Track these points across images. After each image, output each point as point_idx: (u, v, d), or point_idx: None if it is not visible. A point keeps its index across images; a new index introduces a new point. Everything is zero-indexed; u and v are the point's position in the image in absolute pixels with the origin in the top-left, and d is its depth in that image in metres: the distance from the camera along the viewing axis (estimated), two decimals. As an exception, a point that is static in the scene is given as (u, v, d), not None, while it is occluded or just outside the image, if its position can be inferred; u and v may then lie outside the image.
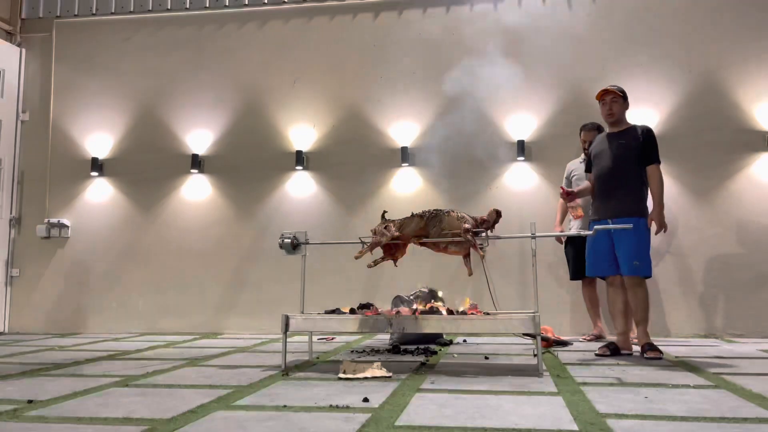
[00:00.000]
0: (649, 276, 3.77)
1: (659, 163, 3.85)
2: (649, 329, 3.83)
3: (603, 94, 3.93)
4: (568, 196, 4.00)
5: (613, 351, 3.80)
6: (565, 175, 5.02)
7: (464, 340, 4.74)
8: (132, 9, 6.32)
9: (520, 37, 5.65)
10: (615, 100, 3.90)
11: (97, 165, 6.11)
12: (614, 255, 3.82)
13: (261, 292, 5.69)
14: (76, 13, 6.41)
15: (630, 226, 3.50)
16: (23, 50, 6.43)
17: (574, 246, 4.83)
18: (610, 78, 5.42)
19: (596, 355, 3.76)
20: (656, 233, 3.84)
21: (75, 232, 6.11)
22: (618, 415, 2.15)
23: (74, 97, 6.30)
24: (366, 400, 2.42)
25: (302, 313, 3.54)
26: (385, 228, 3.46)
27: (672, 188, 5.20)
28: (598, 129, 4.88)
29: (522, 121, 5.52)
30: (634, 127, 3.92)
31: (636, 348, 3.88)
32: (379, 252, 3.58)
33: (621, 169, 3.83)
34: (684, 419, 2.09)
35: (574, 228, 4.77)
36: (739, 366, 3.34)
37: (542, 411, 2.23)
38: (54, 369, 3.47)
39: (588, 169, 4.16)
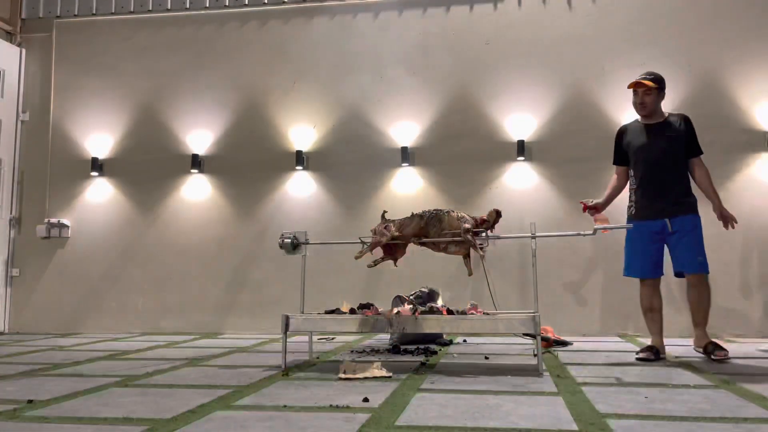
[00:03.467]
0: (708, 272, 3.64)
1: (702, 153, 3.73)
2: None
3: (635, 86, 3.71)
4: (591, 209, 3.80)
5: (657, 355, 3.61)
6: None
7: (464, 340, 4.75)
8: (132, 9, 6.31)
9: (520, 37, 5.66)
10: (648, 93, 3.69)
11: (97, 165, 6.11)
12: (661, 255, 3.68)
13: (261, 292, 5.69)
14: (76, 13, 6.41)
15: (630, 226, 3.50)
16: (23, 50, 6.43)
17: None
18: (609, 78, 5.43)
19: (638, 359, 3.57)
20: (728, 227, 3.76)
21: (75, 232, 6.11)
22: (618, 415, 2.15)
23: (74, 97, 6.30)
24: (366, 400, 2.42)
25: (302, 313, 3.54)
26: (385, 228, 3.46)
27: (672, 188, 5.20)
28: None
29: (522, 121, 5.52)
30: (672, 116, 3.76)
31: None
32: (379, 252, 3.58)
33: (674, 163, 3.65)
34: (684, 419, 2.09)
35: None
36: (739, 366, 3.34)
37: (542, 411, 2.23)
38: (54, 369, 3.47)
39: (617, 162, 3.92)
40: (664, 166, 3.65)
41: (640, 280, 3.78)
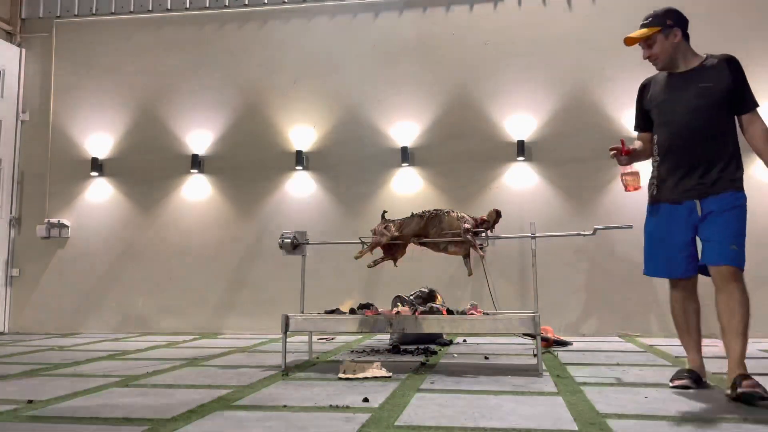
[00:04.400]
0: (743, 268, 2.81)
1: (758, 106, 2.79)
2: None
3: (630, 44, 2.97)
4: (626, 155, 2.88)
5: (697, 381, 2.71)
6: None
7: (464, 341, 4.74)
8: (132, 9, 6.31)
9: (519, 37, 5.66)
10: (649, 42, 2.92)
11: (97, 165, 6.11)
12: (694, 249, 2.82)
13: (261, 292, 5.69)
14: (76, 13, 6.41)
15: (631, 226, 3.39)
16: (23, 50, 6.43)
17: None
18: (609, 78, 5.42)
19: (674, 387, 2.69)
20: None
21: (75, 232, 6.11)
22: (618, 415, 2.15)
23: (74, 97, 6.30)
24: (366, 400, 2.42)
25: (302, 312, 3.54)
26: (385, 228, 3.46)
27: (672, 188, 5.21)
28: None
29: (522, 121, 5.52)
30: (710, 60, 2.83)
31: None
32: (379, 252, 3.58)
33: (710, 124, 2.73)
34: (684, 419, 2.09)
35: None
36: (739, 366, 3.33)
37: (542, 411, 2.23)
38: (54, 369, 3.47)
39: (640, 126, 3.04)
40: (695, 127, 2.73)
41: (669, 281, 2.92)
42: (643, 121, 3.02)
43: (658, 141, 2.89)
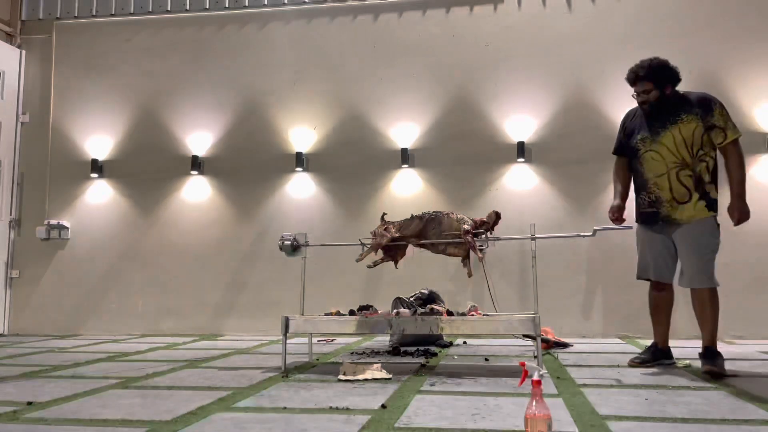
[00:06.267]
0: None
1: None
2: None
3: None
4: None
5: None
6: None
7: (464, 342, 4.74)
8: (132, 10, 6.32)
9: (520, 38, 5.66)
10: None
11: (97, 166, 6.11)
12: None
13: (261, 294, 5.69)
14: (76, 15, 6.41)
15: (631, 227, 3.47)
16: (23, 52, 6.43)
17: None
18: (609, 79, 5.42)
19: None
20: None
21: (75, 234, 6.10)
22: (618, 417, 2.15)
23: (74, 98, 6.30)
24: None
25: (302, 314, 3.54)
26: (385, 230, 3.46)
27: (672, 190, 5.21)
28: None
29: (522, 123, 5.52)
30: None
31: None
32: (379, 253, 3.58)
33: None
34: (684, 421, 2.09)
35: None
36: (739, 368, 3.34)
37: (542, 413, 2.23)
38: (54, 370, 3.47)
39: None
40: None
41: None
42: None
43: None
